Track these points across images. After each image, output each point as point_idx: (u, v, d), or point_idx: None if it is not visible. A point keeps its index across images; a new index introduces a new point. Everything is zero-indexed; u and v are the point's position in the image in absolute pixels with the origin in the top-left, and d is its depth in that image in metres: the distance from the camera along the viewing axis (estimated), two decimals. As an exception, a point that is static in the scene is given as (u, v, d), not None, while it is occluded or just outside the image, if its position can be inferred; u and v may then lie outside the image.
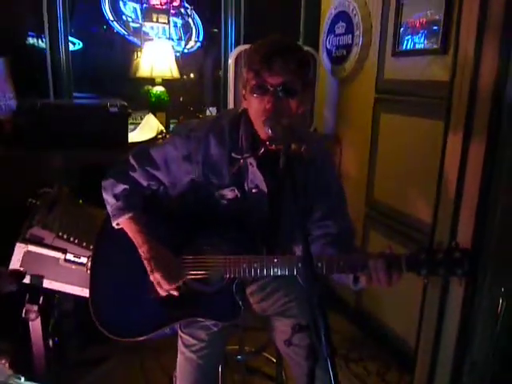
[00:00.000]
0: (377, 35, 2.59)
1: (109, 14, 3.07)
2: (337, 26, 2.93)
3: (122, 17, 3.11)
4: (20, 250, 1.79)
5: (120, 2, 3.08)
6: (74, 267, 1.84)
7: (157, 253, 1.36)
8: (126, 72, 3.24)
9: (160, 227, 1.42)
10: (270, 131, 1.22)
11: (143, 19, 3.10)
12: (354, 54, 2.75)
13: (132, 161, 1.43)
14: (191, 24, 3.33)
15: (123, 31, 3.14)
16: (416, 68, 2.28)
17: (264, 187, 1.40)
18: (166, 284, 1.34)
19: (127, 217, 1.38)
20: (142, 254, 1.36)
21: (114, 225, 1.41)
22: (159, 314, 1.41)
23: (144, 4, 3.08)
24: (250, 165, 1.38)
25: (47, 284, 1.84)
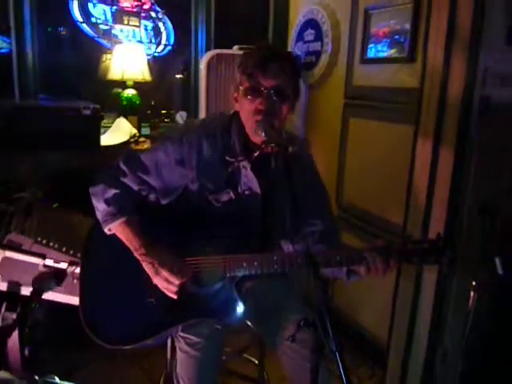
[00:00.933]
0: (346, 43, 2.68)
1: (77, 15, 3.01)
2: (306, 33, 3.01)
3: (92, 19, 3.07)
4: (-3, 256, 1.74)
5: (89, 3, 3.03)
6: (53, 273, 1.81)
7: (158, 252, 1.36)
8: (94, 74, 3.19)
9: (154, 231, 1.42)
10: (264, 134, 1.26)
11: (113, 21, 3.07)
12: (323, 60, 2.84)
13: (122, 166, 1.42)
14: (162, 27, 3.32)
15: (92, 33, 3.09)
16: (384, 75, 2.38)
17: (257, 189, 1.44)
18: (176, 279, 1.33)
19: (120, 222, 1.38)
20: (141, 257, 1.35)
21: (106, 230, 1.40)
22: (159, 318, 1.40)
23: (114, 6, 3.05)
24: (243, 168, 1.41)
25: (26, 291, 1.79)
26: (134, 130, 2.87)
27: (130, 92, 3.08)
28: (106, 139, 2.76)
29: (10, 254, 1.76)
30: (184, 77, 3.44)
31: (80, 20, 3.02)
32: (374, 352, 2.51)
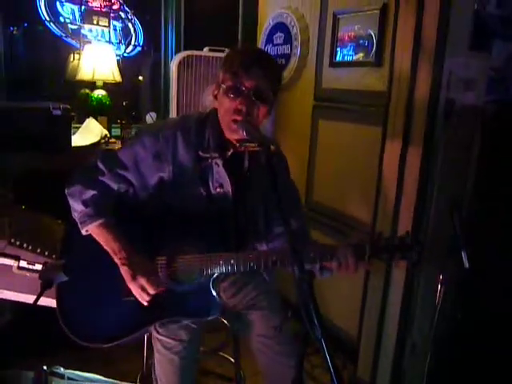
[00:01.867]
0: (315, 46, 2.74)
1: (45, 14, 2.95)
2: (275, 36, 3.06)
3: (60, 18, 3.02)
4: (-32, 259, 1.70)
5: (57, 2, 2.98)
6: (28, 275, 1.78)
7: (137, 258, 1.36)
8: (62, 74, 3.14)
9: (129, 231, 1.41)
10: (246, 133, 1.29)
11: (82, 21, 3.02)
12: (293, 63, 2.89)
13: (100, 165, 1.41)
14: (131, 28, 3.30)
15: (60, 32, 3.04)
16: (353, 78, 2.45)
17: (228, 187, 1.45)
18: (152, 289, 1.35)
19: (98, 223, 1.36)
20: (119, 261, 1.35)
21: (83, 232, 1.38)
22: (135, 316, 1.41)
23: (83, 6, 3.01)
24: (215, 164, 1.43)
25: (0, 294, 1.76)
26: (105, 131, 2.84)
27: (99, 93, 3.05)
28: (75, 140, 2.72)
29: (-18, 256, 1.73)
30: (153, 78, 3.43)
31: (47, 19, 2.96)
32: (344, 347, 2.57)
